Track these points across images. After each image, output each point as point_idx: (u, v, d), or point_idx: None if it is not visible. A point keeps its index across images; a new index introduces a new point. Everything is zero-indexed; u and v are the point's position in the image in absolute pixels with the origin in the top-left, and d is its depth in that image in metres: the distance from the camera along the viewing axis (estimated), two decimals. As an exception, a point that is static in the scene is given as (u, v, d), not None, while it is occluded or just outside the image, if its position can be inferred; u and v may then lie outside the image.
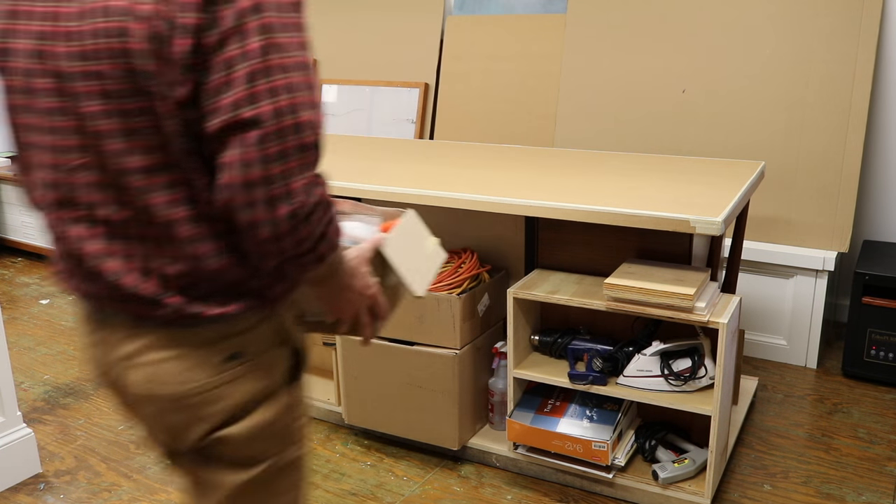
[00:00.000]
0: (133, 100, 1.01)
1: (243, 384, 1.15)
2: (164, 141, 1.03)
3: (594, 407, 2.39)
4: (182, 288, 1.10)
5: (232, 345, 1.14)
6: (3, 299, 4.11)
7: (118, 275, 1.10)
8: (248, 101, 0.97)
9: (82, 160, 1.07)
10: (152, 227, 1.07)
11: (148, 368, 1.13)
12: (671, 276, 2.17)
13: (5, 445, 2.45)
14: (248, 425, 1.16)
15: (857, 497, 2.33)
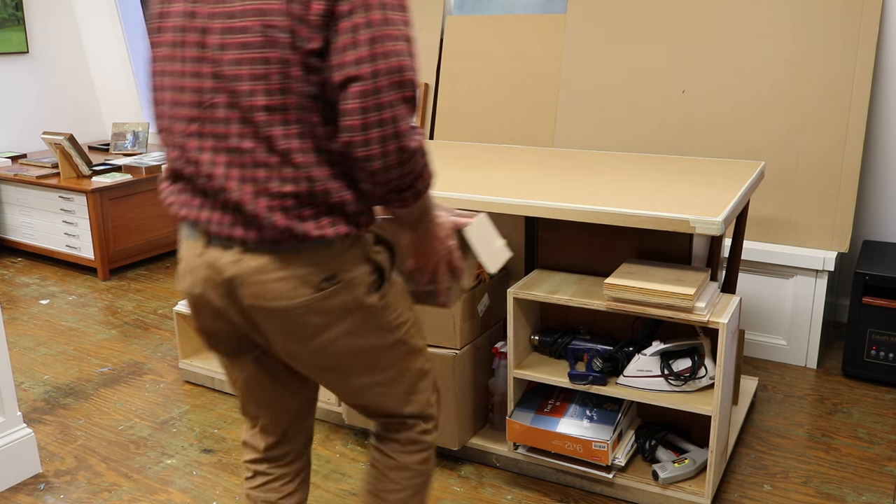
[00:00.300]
0: (264, 50, 1.25)
1: (336, 298, 1.38)
2: (285, 85, 1.26)
3: (594, 407, 2.39)
4: (292, 209, 1.31)
5: (329, 267, 1.36)
6: (3, 299, 4.11)
7: (240, 196, 1.31)
8: (368, 59, 1.22)
9: (218, 99, 1.31)
10: (272, 155, 1.29)
11: (257, 286, 1.35)
12: (671, 276, 2.18)
13: (5, 445, 2.45)
14: (342, 329, 1.41)
15: (857, 497, 2.33)
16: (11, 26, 5.11)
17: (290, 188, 1.31)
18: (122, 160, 4.76)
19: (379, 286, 1.45)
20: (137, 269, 4.57)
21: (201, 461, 2.60)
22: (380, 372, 1.52)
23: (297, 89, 1.27)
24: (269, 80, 1.27)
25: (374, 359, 1.49)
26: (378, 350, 1.48)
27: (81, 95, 5.64)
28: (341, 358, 1.45)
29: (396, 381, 1.55)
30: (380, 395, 1.55)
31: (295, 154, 1.30)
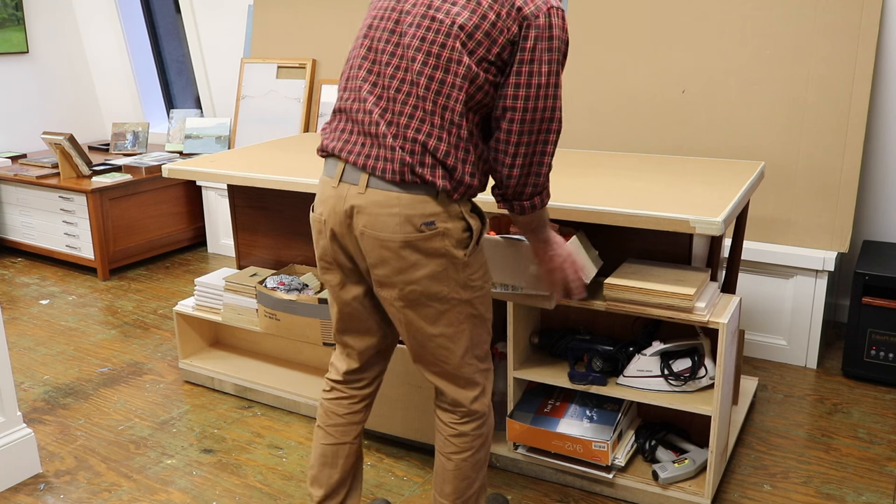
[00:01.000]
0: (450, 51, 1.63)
1: (432, 241, 1.67)
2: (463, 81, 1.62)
3: (594, 407, 2.39)
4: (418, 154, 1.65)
5: (431, 214, 1.66)
6: (3, 299, 4.11)
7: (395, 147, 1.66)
8: (524, 98, 1.63)
9: (401, 77, 1.66)
10: (436, 118, 1.64)
11: (371, 217, 1.67)
12: (671, 276, 2.17)
13: (5, 445, 2.45)
14: (429, 270, 1.68)
15: (857, 497, 2.33)
16: (11, 26, 5.11)
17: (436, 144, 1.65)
18: (122, 160, 4.76)
19: (467, 244, 1.70)
20: (137, 269, 4.57)
21: (201, 461, 2.60)
22: (446, 324, 1.74)
23: (466, 93, 1.66)
24: (453, 73, 1.64)
25: (445, 309, 1.73)
26: (451, 301, 1.72)
27: (81, 95, 5.64)
28: (422, 297, 1.71)
29: (457, 338, 1.77)
30: (441, 348, 1.77)
31: (459, 129, 1.66)
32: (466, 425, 1.86)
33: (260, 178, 2.65)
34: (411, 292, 1.70)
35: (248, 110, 4.54)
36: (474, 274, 1.74)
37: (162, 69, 5.64)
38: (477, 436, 1.87)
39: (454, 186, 1.66)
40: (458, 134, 1.63)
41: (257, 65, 4.51)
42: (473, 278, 1.74)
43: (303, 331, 2.72)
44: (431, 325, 1.74)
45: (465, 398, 1.84)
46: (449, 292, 1.71)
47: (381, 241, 1.67)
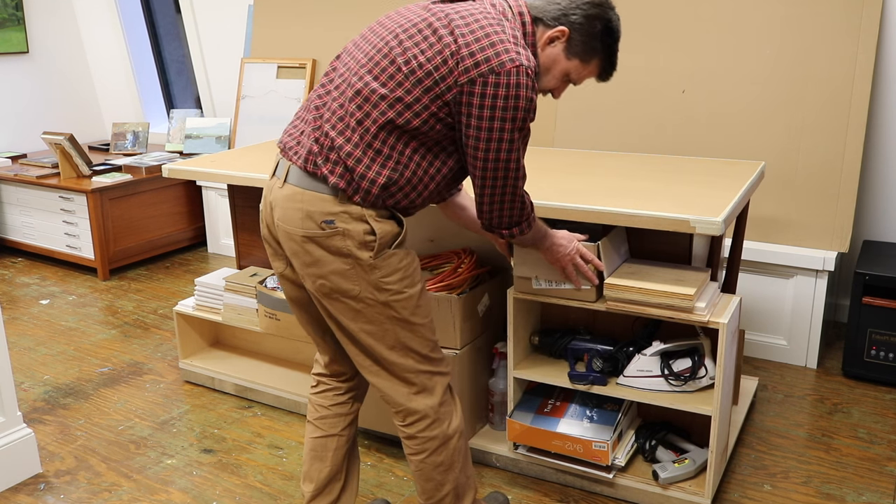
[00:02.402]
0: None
1: (333, 240, 1.71)
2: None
3: (594, 407, 2.39)
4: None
5: (331, 213, 1.71)
6: (3, 299, 4.11)
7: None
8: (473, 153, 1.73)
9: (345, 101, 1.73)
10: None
11: (282, 211, 1.76)
12: (671, 276, 2.17)
13: (5, 445, 2.45)
14: (334, 268, 1.73)
15: (857, 497, 2.33)
16: (11, 26, 5.11)
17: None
18: (122, 160, 4.76)
19: (372, 247, 1.72)
20: (137, 269, 4.57)
21: (201, 461, 2.60)
22: (365, 321, 1.78)
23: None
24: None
25: (362, 307, 1.76)
26: (366, 301, 1.75)
27: (81, 95, 5.64)
28: (334, 293, 1.75)
29: (380, 336, 1.79)
30: (365, 345, 1.81)
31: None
32: (411, 427, 1.87)
33: (260, 178, 2.64)
34: (322, 286, 1.76)
35: (248, 110, 4.54)
36: (387, 277, 1.75)
37: (162, 69, 5.64)
38: (428, 438, 1.87)
39: (352, 189, 1.70)
40: (372, 144, 1.68)
41: (257, 65, 4.51)
42: (386, 281, 1.75)
43: (303, 331, 2.72)
44: (351, 321, 1.78)
45: (399, 395, 1.85)
46: (361, 292, 1.75)
47: (289, 234, 1.75)
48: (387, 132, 1.68)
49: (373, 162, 1.69)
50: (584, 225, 2.34)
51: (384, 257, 1.75)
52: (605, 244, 2.18)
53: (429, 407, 1.85)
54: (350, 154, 1.69)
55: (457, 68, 1.63)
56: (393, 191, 1.73)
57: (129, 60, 5.45)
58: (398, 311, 1.78)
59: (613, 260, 2.24)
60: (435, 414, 1.86)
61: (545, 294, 2.25)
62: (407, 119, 1.67)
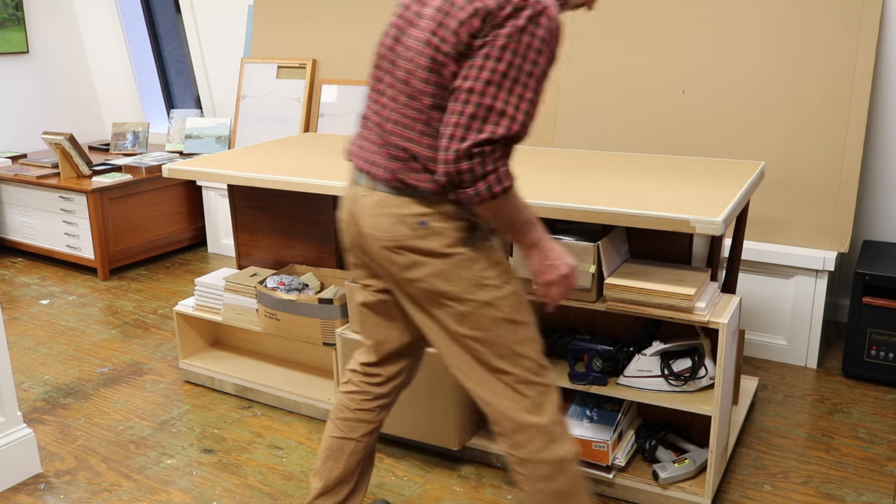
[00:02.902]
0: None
1: (427, 241, 1.66)
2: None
3: (594, 407, 2.39)
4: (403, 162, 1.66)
5: (424, 213, 1.65)
6: (3, 299, 4.11)
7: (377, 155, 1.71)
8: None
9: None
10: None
11: (370, 219, 1.71)
12: (671, 276, 2.17)
13: (5, 445, 2.45)
14: (431, 270, 1.67)
15: (857, 497, 2.33)
16: (11, 26, 5.11)
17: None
18: (122, 160, 4.76)
19: (467, 242, 1.67)
20: (137, 269, 4.57)
21: (201, 461, 2.60)
22: (470, 326, 1.69)
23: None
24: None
25: (465, 311, 1.68)
26: (468, 302, 1.68)
27: (81, 95, 5.64)
28: (433, 296, 1.69)
29: (487, 343, 1.70)
30: (471, 351, 1.71)
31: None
32: (523, 448, 1.72)
33: (260, 178, 2.65)
34: (421, 290, 1.70)
35: (248, 110, 4.54)
36: (487, 272, 1.69)
37: (162, 69, 5.64)
38: (543, 461, 1.72)
39: (444, 191, 1.65)
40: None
41: (257, 65, 4.51)
42: (487, 276, 1.69)
43: (303, 331, 2.72)
44: (457, 325, 1.70)
45: (511, 409, 1.71)
46: (462, 292, 1.68)
47: (379, 241, 1.70)
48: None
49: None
50: (584, 225, 2.34)
51: (482, 251, 1.70)
52: (605, 244, 2.18)
53: (543, 424, 1.71)
54: (431, 159, 1.64)
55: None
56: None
57: (129, 60, 5.45)
58: (503, 310, 1.70)
59: (613, 260, 2.24)
60: (550, 433, 1.72)
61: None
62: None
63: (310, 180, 2.53)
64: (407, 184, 1.66)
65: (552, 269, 1.71)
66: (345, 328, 2.61)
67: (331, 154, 2.98)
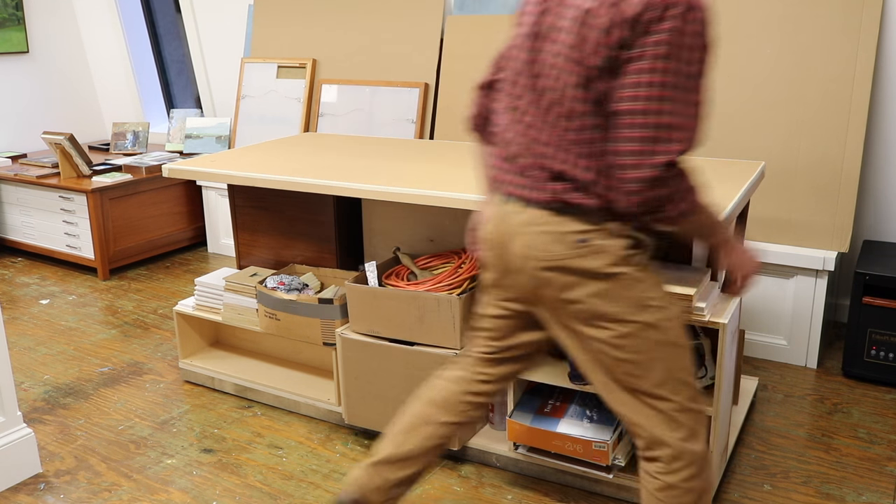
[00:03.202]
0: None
1: (587, 260, 1.57)
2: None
3: (594, 407, 2.39)
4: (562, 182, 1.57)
5: (584, 231, 1.56)
6: (3, 299, 4.11)
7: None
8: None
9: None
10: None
11: (527, 237, 1.62)
12: (671, 276, 2.17)
13: (5, 445, 2.45)
14: (591, 290, 1.58)
15: (857, 497, 2.33)
16: (11, 26, 5.11)
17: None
18: (122, 160, 4.76)
19: (631, 261, 1.59)
20: (137, 269, 4.57)
21: (201, 461, 2.60)
22: (631, 350, 1.60)
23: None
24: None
25: (626, 332, 1.59)
26: (629, 324, 1.59)
27: (81, 95, 5.64)
28: (592, 318, 1.60)
29: (647, 366, 1.62)
30: (630, 375, 1.63)
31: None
32: (674, 475, 1.66)
33: (260, 178, 2.65)
34: (580, 312, 1.61)
35: (248, 110, 4.54)
36: (650, 292, 1.60)
37: (162, 69, 5.64)
38: (688, 490, 1.67)
39: (606, 205, 1.56)
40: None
41: (257, 65, 4.51)
42: (651, 297, 1.60)
43: (303, 331, 2.72)
44: (615, 350, 1.62)
45: (668, 437, 1.65)
46: (623, 313, 1.59)
47: (535, 261, 1.61)
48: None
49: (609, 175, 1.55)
50: None
51: (645, 270, 1.61)
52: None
53: (698, 454, 1.67)
54: (592, 181, 1.55)
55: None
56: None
57: (129, 60, 5.45)
58: (666, 333, 1.61)
59: None
60: (701, 464, 1.68)
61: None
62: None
63: (310, 180, 2.53)
64: (567, 203, 1.57)
65: (750, 259, 1.72)
66: (345, 328, 2.61)
67: (331, 154, 2.98)
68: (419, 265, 2.64)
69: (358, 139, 3.35)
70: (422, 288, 2.46)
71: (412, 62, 4.02)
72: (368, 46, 4.16)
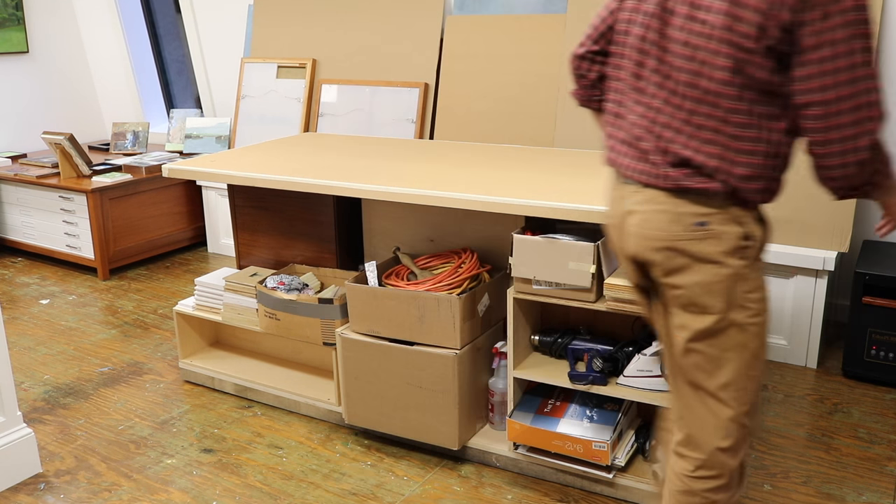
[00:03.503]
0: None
1: (702, 244, 1.52)
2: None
3: (594, 407, 2.39)
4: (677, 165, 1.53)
5: (703, 214, 1.51)
6: (3, 299, 4.11)
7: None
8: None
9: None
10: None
11: (640, 216, 1.58)
12: (671, 276, 2.17)
13: (5, 445, 2.45)
14: (696, 278, 1.53)
15: (857, 497, 2.33)
16: (11, 26, 5.12)
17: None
18: (122, 160, 4.76)
19: (744, 254, 1.53)
20: (137, 269, 4.57)
21: (201, 461, 2.60)
22: (709, 344, 1.56)
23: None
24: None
25: (713, 325, 1.55)
26: (720, 318, 1.54)
27: (81, 95, 5.64)
28: (689, 305, 1.55)
29: (716, 366, 1.57)
30: (697, 368, 1.58)
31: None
32: (700, 482, 1.63)
33: (260, 178, 2.65)
34: (678, 297, 1.57)
35: (248, 110, 4.54)
36: (752, 293, 1.56)
37: (162, 69, 5.64)
38: (711, 501, 1.63)
39: (732, 190, 1.51)
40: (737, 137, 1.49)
41: (257, 65, 4.51)
42: (750, 298, 1.55)
43: (303, 331, 2.72)
44: (693, 341, 1.58)
45: (711, 442, 1.61)
46: (719, 308, 1.54)
47: (648, 242, 1.57)
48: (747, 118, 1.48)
49: (745, 156, 1.50)
50: (583, 225, 2.34)
51: (752, 268, 1.55)
52: (605, 244, 2.18)
53: (733, 469, 1.63)
54: (717, 168, 1.50)
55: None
56: (765, 179, 1.53)
57: (129, 60, 5.45)
58: (752, 339, 1.57)
59: (613, 260, 2.25)
60: (731, 479, 1.64)
61: (545, 294, 2.25)
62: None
63: (310, 180, 2.53)
64: (689, 188, 1.52)
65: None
66: (345, 328, 2.61)
67: (331, 154, 2.98)
68: (419, 265, 2.64)
69: (358, 139, 3.35)
70: (422, 288, 2.46)
71: (412, 62, 4.02)
72: (368, 46, 4.16)
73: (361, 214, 2.98)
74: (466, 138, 3.83)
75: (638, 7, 1.58)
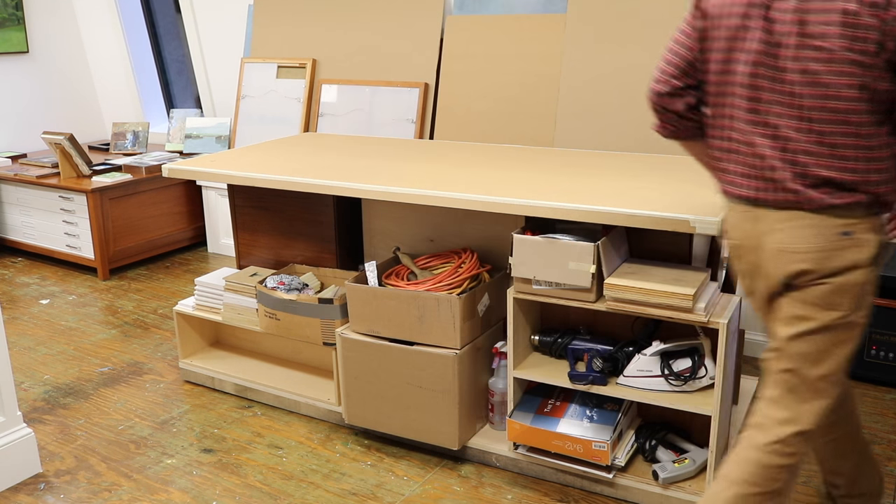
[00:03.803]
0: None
1: (845, 254, 1.59)
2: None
3: (594, 407, 2.39)
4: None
5: (848, 224, 1.58)
6: (3, 299, 4.11)
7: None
8: None
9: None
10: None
11: (782, 233, 1.62)
12: (671, 276, 2.17)
13: (5, 445, 2.45)
14: (836, 284, 1.60)
15: (857, 497, 2.33)
16: (11, 26, 5.12)
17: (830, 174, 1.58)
18: (122, 160, 4.76)
19: (878, 259, 1.62)
20: (137, 269, 4.57)
21: (201, 461, 2.60)
22: (821, 337, 1.64)
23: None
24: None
25: (832, 320, 1.63)
26: (840, 314, 1.62)
27: (81, 95, 5.64)
28: (816, 301, 1.62)
29: (822, 355, 1.66)
30: (802, 359, 1.66)
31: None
32: (776, 456, 1.69)
33: (260, 178, 2.65)
34: (810, 294, 1.63)
35: (248, 110, 4.54)
36: (869, 294, 1.65)
37: (162, 69, 5.64)
38: (786, 466, 1.69)
39: (874, 202, 1.59)
40: (871, 150, 1.57)
41: (257, 65, 4.51)
42: (867, 299, 1.65)
43: (303, 331, 2.72)
44: (808, 333, 1.66)
45: (792, 420, 1.68)
46: (847, 307, 1.63)
47: (794, 253, 1.62)
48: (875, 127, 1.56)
49: (877, 163, 1.58)
50: (583, 225, 2.34)
51: (876, 271, 1.64)
52: (605, 244, 2.19)
53: (801, 449, 1.70)
54: (863, 182, 1.57)
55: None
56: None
57: (129, 60, 5.45)
58: (854, 335, 1.66)
59: (613, 260, 2.25)
60: (798, 462, 1.72)
61: (545, 294, 2.25)
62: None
63: (310, 180, 2.53)
64: (835, 205, 1.58)
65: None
66: (345, 328, 2.61)
67: (331, 154, 2.98)
68: (419, 265, 2.64)
69: (358, 139, 3.35)
70: (422, 288, 2.46)
71: (412, 62, 4.02)
72: (368, 46, 4.16)
73: (361, 214, 2.98)
74: (466, 138, 3.83)
75: (733, 46, 1.64)
